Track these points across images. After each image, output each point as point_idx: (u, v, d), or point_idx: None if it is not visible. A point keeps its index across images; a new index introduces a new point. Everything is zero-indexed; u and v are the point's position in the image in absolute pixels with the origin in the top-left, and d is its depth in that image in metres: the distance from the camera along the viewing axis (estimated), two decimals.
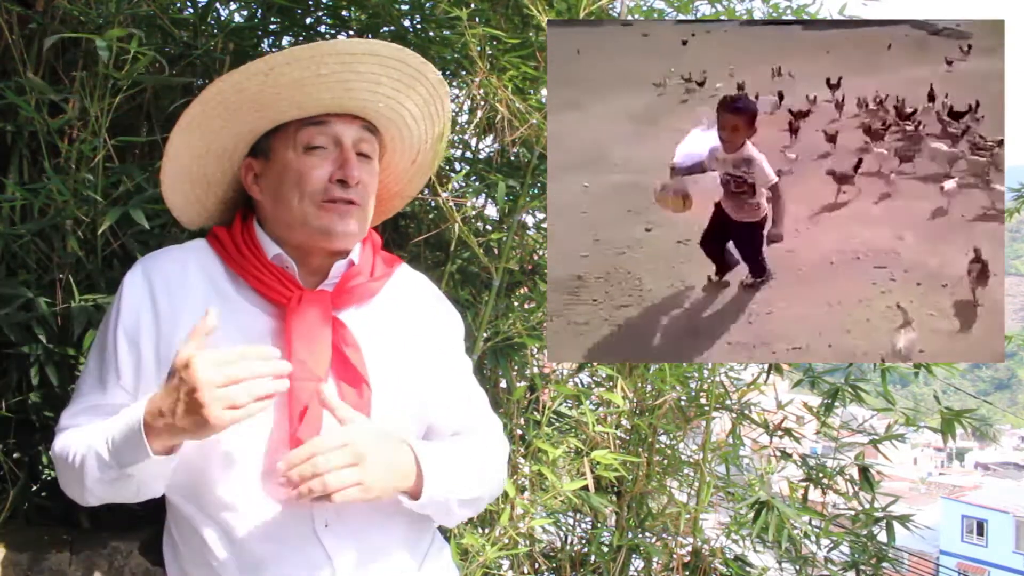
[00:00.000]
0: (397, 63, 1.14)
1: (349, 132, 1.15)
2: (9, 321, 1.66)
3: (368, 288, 1.19)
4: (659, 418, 2.19)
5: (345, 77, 1.10)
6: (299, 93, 1.11)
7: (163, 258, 1.17)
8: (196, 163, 1.20)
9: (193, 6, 2.10)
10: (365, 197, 1.16)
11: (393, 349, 1.18)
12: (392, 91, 1.16)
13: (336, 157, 1.14)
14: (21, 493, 1.78)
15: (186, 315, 1.10)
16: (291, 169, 1.13)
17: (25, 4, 1.89)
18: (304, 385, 1.06)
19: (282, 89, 1.10)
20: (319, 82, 1.10)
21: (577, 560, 2.26)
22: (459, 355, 1.31)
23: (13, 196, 1.71)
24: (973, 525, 25.75)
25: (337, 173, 1.12)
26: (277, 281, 1.13)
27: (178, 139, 1.16)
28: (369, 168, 1.18)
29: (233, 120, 1.15)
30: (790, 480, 2.38)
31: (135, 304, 1.12)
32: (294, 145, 1.14)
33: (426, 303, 1.28)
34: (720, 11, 2.24)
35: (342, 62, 1.09)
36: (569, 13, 1.91)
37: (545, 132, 1.94)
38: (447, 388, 1.25)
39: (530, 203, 2.08)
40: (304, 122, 1.14)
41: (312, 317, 1.10)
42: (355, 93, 1.13)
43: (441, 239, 2.13)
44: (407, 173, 1.33)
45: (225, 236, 1.17)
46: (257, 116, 1.14)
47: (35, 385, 1.70)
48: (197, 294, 1.13)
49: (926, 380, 2.37)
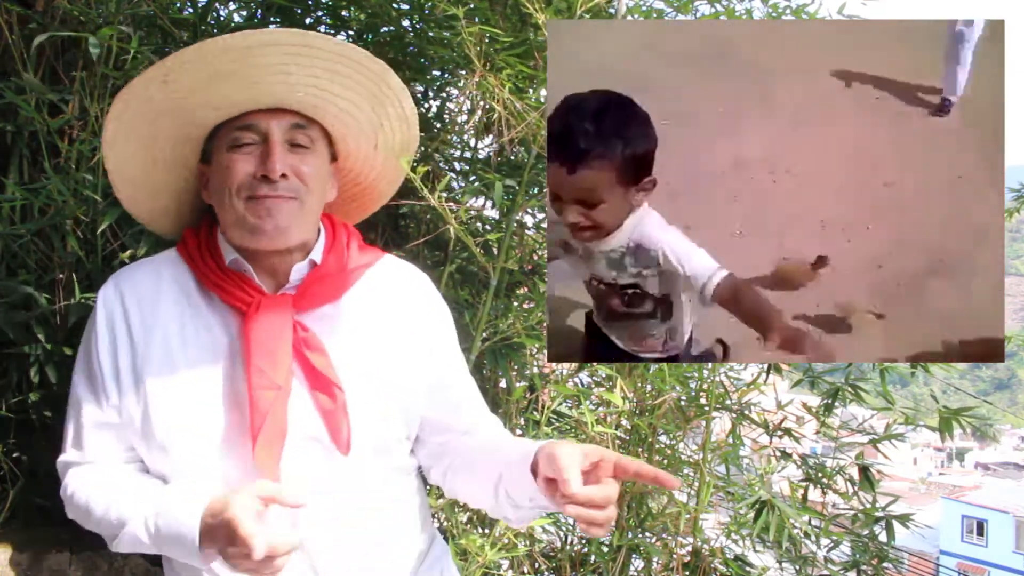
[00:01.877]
0: (303, 48, 1.07)
1: (278, 125, 1.11)
2: (9, 320, 1.66)
3: (337, 283, 1.16)
4: (659, 418, 2.19)
5: (247, 72, 1.06)
6: (206, 95, 1.08)
7: (135, 272, 1.16)
8: (146, 176, 1.18)
9: (193, 6, 2.11)
10: (300, 189, 1.11)
11: (371, 346, 1.15)
12: (308, 77, 1.10)
13: (262, 152, 1.10)
14: (21, 493, 1.78)
15: (158, 329, 1.10)
16: (221, 168, 1.11)
17: (25, 4, 1.89)
18: (263, 394, 1.04)
19: (187, 93, 1.07)
20: (222, 81, 1.06)
21: (577, 560, 2.26)
22: (450, 347, 1.27)
23: (13, 196, 1.71)
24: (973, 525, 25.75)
25: (260, 168, 1.08)
26: (237, 287, 1.11)
27: (110, 154, 1.14)
28: (308, 158, 1.13)
29: (158, 128, 1.12)
30: (790, 480, 2.39)
31: (109, 320, 1.12)
32: (224, 145, 1.11)
33: (408, 295, 1.23)
34: (720, 11, 2.24)
35: (237, 58, 1.04)
36: (568, 12, 1.91)
37: (543, 131, 1.94)
38: (442, 382, 1.21)
39: (528, 202, 2.08)
40: (230, 122, 1.11)
41: (270, 323, 1.08)
42: (265, 87, 1.08)
43: (440, 239, 2.13)
44: (374, 158, 1.27)
45: (192, 243, 1.16)
46: (179, 123, 1.12)
47: (35, 385, 1.71)
48: (169, 306, 1.12)
49: (925, 380, 2.37)
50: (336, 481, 1.10)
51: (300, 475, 1.07)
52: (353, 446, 1.09)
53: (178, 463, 1.07)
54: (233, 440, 1.07)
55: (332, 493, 1.10)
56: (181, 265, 1.15)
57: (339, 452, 1.08)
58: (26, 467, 1.80)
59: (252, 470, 1.04)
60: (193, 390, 1.08)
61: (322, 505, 1.08)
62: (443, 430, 1.22)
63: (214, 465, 1.07)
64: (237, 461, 1.06)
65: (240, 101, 1.09)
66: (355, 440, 1.09)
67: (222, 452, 1.07)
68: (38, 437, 1.81)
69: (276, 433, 1.04)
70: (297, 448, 1.07)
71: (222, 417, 1.07)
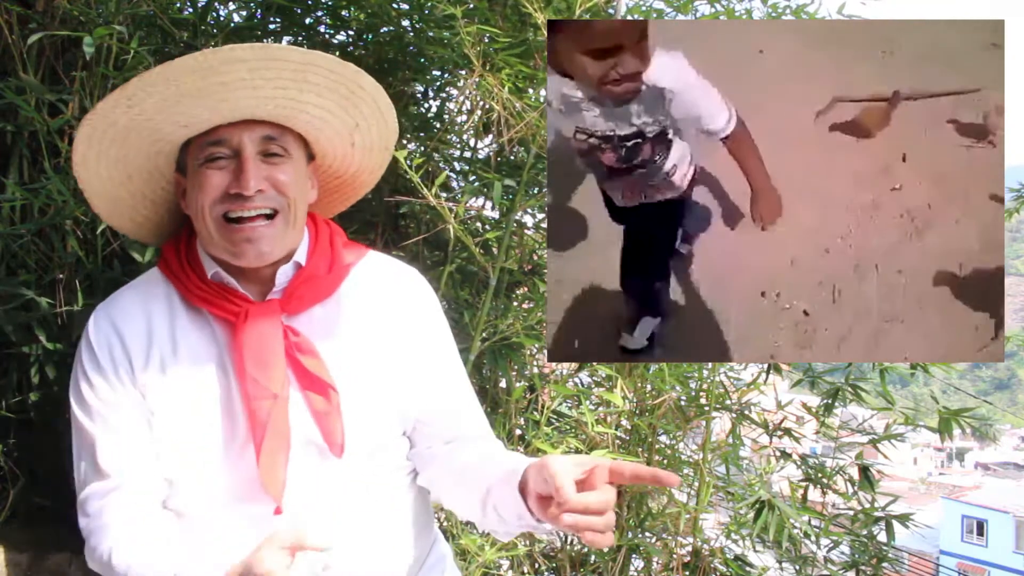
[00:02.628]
0: (268, 62, 1.04)
1: (250, 138, 1.08)
2: (10, 321, 1.66)
3: (325, 284, 1.14)
4: (659, 418, 2.19)
5: (213, 91, 1.03)
6: (172, 114, 1.05)
7: (120, 299, 1.14)
8: (123, 189, 1.15)
9: (193, 6, 2.11)
10: (280, 200, 1.08)
11: (363, 345, 1.14)
12: (276, 90, 1.07)
13: (235, 168, 1.07)
14: (21, 493, 1.78)
15: (154, 348, 1.09)
16: (195, 184, 1.08)
17: (25, 4, 1.89)
18: (260, 404, 1.04)
19: (153, 115, 1.05)
20: (189, 101, 1.04)
21: (577, 560, 2.26)
22: (443, 344, 1.23)
23: (13, 196, 1.72)
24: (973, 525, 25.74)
25: (233, 185, 1.05)
26: (223, 299, 1.09)
27: (83, 174, 1.11)
28: (283, 167, 1.10)
29: (128, 147, 1.10)
30: (790, 480, 2.39)
31: (107, 343, 1.09)
32: (195, 160, 1.09)
33: (398, 291, 1.20)
34: (719, 11, 2.24)
35: (201, 78, 1.01)
36: (567, 12, 1.91)
37: (543, 131, 1.93)
38: (434, 381, 1.19)
39: (528, 202, 2.08)
40: (201, 136, 1.08)
41: (260, 331, 1.07)
42: (232, 103, 1.05)
43: (440, 239, 2.13)
44: (351, 155, 1.23)
45: (173, 260, 1.14)
46: (149, 140, 1.09)
47: (35, 385, 1.71)
48: (160, 326, 1.10)
49: (925, 380, 2.37)
50: (334, 483, 1.09)
51: (299, 479, 1.06)
52: (349, 447, 1.08)
53: (180, 479, 1.07)
54: (236, 453, 1.06)
55: (331, 495, 1.09)
56: (165, 283, 1.14)
57: (333, 454, 1.07)
58: (26, 467, 1.80)
59: (256, 482, 1.03)
60: (192, 406, 1.07)
61: (321, 507, 1.08)
62: (432, 435, 1.19)
63: (217, 480, 1.06)
64: (241, 474, 1.05)
65: (208, 118, 1.07)
66: (351, 441, 1.08)
67: (225, 466, 1.06)
68: (38, 437, 1.81)
69: (279, 443, 1.04)
70: (295, 452, 1.06)
71: (221, 431, 1.07)
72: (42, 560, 1.65)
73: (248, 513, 1.06)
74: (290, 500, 1.05)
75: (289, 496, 1.05)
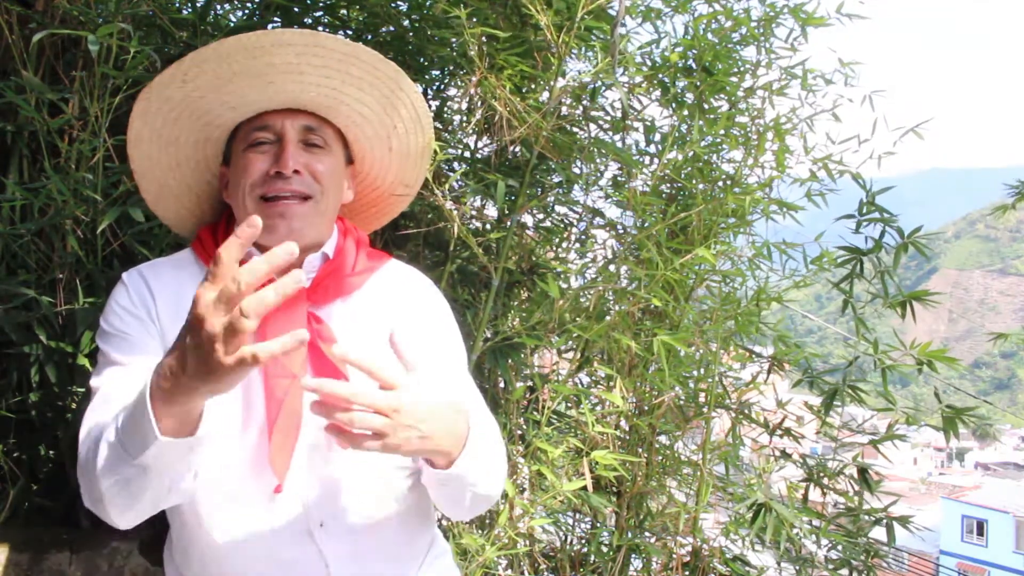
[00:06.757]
0: (315, 48, 1.10)
1: (292, 125, 1.15)
2: (10, 321, 1.66)
3: (349, 282, 1.18)
4: (658, 418, 2.19)
5: (262, 71, 1.09)
6: (222, 94, 1.11)
7: (156, 266, 1.19)
8: (171, 176, 1.21)
9: (192, 6, 2.11)
10: (314, 187, 1.14)
11: (377, 343, 1.15)
12: (320, 78, 1.13)
13: (276, 151, 1.14)
14: (21, 493, 1.78)
15: (179, 320, 1.09)
16: (238, 167, 1.15)
17: (25, 4, 1.89)
18: (278, 383, 1.06)
19: (206, 92, 1.11)
20: (238, 80, 1.10)
21: (577, 560, 2.26)
22: (453, 347, 1.27)
23: (13, 196, 1.71)
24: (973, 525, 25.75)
25: (273, 166, 1.12)
26: None
27: (135, 153, 1.18)
28: (322, 158, 1.16)
29: (180, 129, 1.16)
30: (790, 480, 2.38)
31: (136, 290, 1.13)
32: (241, 145, 1.15)
33: (415, 296, 1.26)
34: (718, 11, 2.24)
35: (252, 57, 1.08)
36: (568, 12, 1.91)
37: (544, 131, 1.93)
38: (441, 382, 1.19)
39: (529, 203, 2.08)
40: (247, 122, 1.16)
41: (285, 314, 1.09)
42: (278, 86, 1.12)
43: (441, 239, 2.13)
44: (388, 160, 1.29)
45: (208, 241, 1.19)
46: (199, 123, 1.16)
47: (35, 385, 1.71)
48: (188, 298, 1.11)
49: (926, 380, 2.37)
50: (338, 472, 1.11)
51: (305, 462, 1.08)
52: None
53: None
54: (249, 426, 1.08)
55: (333, 483, 1.10)
56: (197, 262, 1.18)
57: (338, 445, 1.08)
58: (26, 467, 1.80)
59: (262, 458, 1.05)
60: None
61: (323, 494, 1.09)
62: None
63: (228, 450, 1.07)
64: (252, 452, 1.07)
65: (255, 100, 1.13)
66: None
67: (237, 438, 1.07)
68: (38, 437, 1.81)
69: (291, 422, 1.06)
70: (306, 437, 1.08)
71: (239, 403, 1.08)
72: (42, 560, 1.64)
73: (249, 488, 1.08)
74: (293, 481, 1.07)
75: (292, 477, 1.07)
